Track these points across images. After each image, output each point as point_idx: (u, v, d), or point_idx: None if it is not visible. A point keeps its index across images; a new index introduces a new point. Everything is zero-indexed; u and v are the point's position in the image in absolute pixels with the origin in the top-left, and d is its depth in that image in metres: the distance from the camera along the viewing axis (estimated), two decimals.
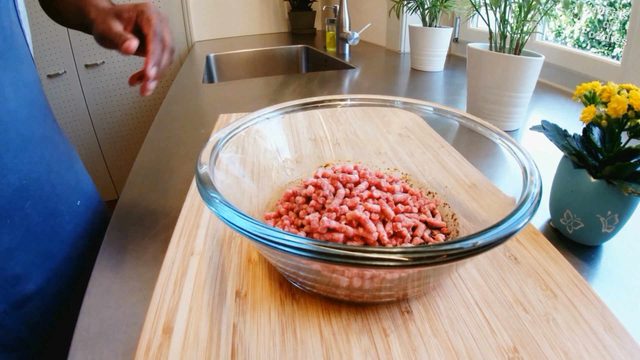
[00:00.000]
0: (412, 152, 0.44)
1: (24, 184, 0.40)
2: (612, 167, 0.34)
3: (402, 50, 1.42)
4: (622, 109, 0.34)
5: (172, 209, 0.44)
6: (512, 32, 0.65)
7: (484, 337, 0.27)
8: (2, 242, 0.38)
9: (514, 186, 0.30)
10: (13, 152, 0.38)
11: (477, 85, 0.69)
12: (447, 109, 0.40)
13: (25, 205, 0.40)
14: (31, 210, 0.41)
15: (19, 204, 0.39)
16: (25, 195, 0.40)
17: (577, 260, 0.37)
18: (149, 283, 0.34)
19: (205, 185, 0.27)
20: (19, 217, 0.39)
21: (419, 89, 0.98)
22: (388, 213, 0.34)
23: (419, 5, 1.09)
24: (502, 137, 0.35)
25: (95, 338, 0.29)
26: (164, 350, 0.26)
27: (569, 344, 0.26)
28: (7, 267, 0.39)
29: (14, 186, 0.39)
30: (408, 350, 0.26)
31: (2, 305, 0.39)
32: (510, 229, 0.23)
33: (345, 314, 0.28)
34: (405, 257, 0.21)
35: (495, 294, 0.30)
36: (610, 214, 0.35)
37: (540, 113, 0.80)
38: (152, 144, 0.63)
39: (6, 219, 0.38)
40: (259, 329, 0.27)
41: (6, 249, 0.38)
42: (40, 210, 0.42)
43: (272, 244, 0.22)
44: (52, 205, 0.44)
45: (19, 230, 0.39)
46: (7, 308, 0.39)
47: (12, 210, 0.38)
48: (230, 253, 0.34)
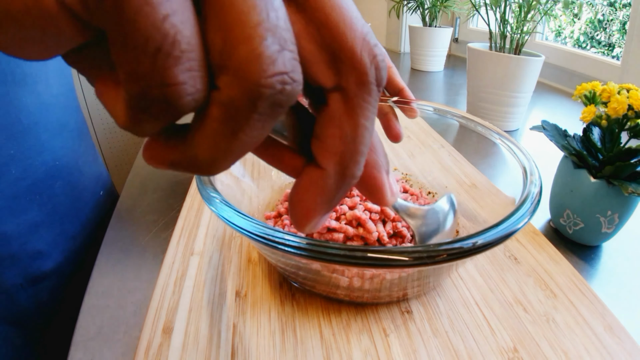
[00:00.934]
0: (412, 152, 0.44)
1: (56, 164, 0.42)
2: (612, 167, 0.34)
3: (402, 50, 1.42)
4: (622, 109, 0.34)
5: (172, 209, 0.44)
6: (512, 32, 0.65)
7: (484, 337, 0.27)
8: (29, 216, 0.40)
9: (514, 186, 0.30)
10: (50, 134, 0.41)
11: (477, 85, 0.69)
12: (447, 109, 0.40)
13: (55, 185, 0.42)
14: (60, 190, 0.43)
15: (50, 182, 0.42)
16: (56, 176, 0.42)
17: (577, 260, 0.37)
18: (149, 283, 0.34)
19: (205, 185, 0.27)
20: (48, 195, 0.41)
21: (419, 88, 0.98)
22: (388, 213, 0.34)
23: (419, 5, 1.09)
24: (502, 137, 0.35)
25: (95, 338, 0.29)
26: (164, 350, 0.26)
27: (569, 344, 0.26)
28: (31, 241, 0.40)
29: (48, 165, 0.41)
30: (408, 350, 0.26)
31: (19, 279, 0.40)
32: (510, 228, 0.23)
33: (345, 314, 0.28)
34: (405, 256, 0.21)
35: (495, 294, 0.30)
36: (610, 214, 0.35)
37: (540, 113, 0.80)
38: None
39: (36, 194, 0.40)
40: (259, 329, 0.27)
41: (32, 223, 0.40)
42: (67, 193, 0.44)
43: (272, 243, 0.22)
44: (78, 190, 0.46)
45: (45, 207, 0.41)
46: (23, 282, 0.41)
47: (43, 188, 0.41)
48: (230, 253, 0.34)
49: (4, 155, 0.37)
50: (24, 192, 0.39)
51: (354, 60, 0.12)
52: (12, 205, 0.38)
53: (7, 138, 0.37)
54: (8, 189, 0.38)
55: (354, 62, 0.12)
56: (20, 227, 0.39)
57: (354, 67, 0.13)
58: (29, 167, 0.39)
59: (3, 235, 0.38)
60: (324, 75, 0.13)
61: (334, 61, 0.13)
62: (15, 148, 0.38)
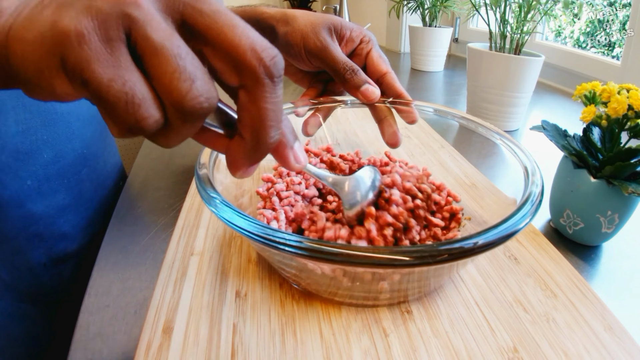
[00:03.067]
0: (412, 153, 0.44)
1: (84, 152, 0.46)
2: (612, 167, 0.34)
3: (402, 50, 1.42)
4: (622, 109, 0.34)
5: (172, 209, 0.44)
6: (512, 32, 0.65)
7: (484, 337, 0.27)
8: (57, 198, 0.43)
9: (515, 186, 0.30)
10: (81, 123, 0.44)
11: (477, 85, 0.69)
12: (447, 110, 0.40)
13: (82, 171, 0.46)
14: (86, 177, 0.46)
15: (77, 168, 0.45)
16: (83, 162, 0.46)
17: (577, 260, 0.37)
18: (149, 283, 0.34)
19: (205, 186, 0.27)
20: (75, 180, 0.45)
21: (419, 89, 0.98)
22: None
23: (419, 5, 1.09)
24: (503, 138, 0.35)
25: (95, 338, 0.29)
26: (164, 350, 0.26)
27: (569, 344, 0.26)
28: (57, 222, 0.43)
29: (77, 152, 0.45)
30: (408, 350, 0.26)
31: (44, 258, 0.43)
32: (512, 229, 0.23)
33: (345, 314, 0.28)
34: (406, 256, 0.21)
35: (495, 294, 0.30)
36: (610, 214, 0.35)
37: (540, 113, 0.80)
38: (152, 144, 0.63)
39: (64, 179, 0.43)
40: (259, 329, 0.27)
41: (59, 205, 0.43)
42: (93, 180, 0.48)
43: (271, 243, 0.22)
44: (102, 179, 0.50)
45: (72, 192, 0.44)
46: (47, 262, 0.43)
47: (71, 173, 0.44)
48: (230, 253, 0.34)
49: (38, 140, 0.40)
50: (54, 175, 0.42)
51: (245, 65, 0.18)
52: (43, 187, 0.41)
53: (42, 124, 0.40)
54: (41, 171, 0.40)
55: (245, 66, 0.18)
56: (49, 209, 0.42)
57: (247, 70, 0.18)
58: (60, 153, 0.42)
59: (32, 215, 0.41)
60: (232, 79, 0.19)
61: (235, 69, 0.18)
62: (48, 134, 0.41)
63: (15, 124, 0.38)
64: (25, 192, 0.40)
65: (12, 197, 0.39)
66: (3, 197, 0.38)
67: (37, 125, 0.39)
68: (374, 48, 0.39)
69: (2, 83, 0.18)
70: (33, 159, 0.40)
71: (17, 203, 0.39)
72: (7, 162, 0.38)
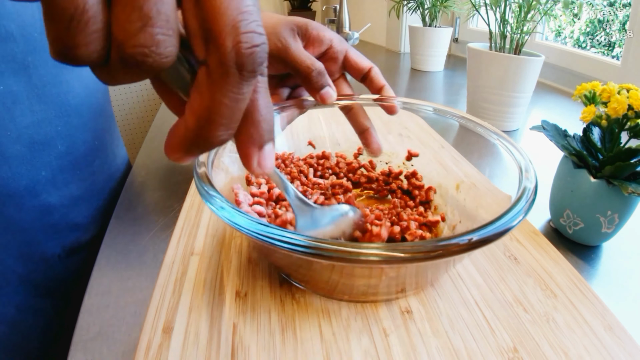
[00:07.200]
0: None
1: (95, 144, 0.46)
2: (612, 167, 0.34)
3: (402, 50, 1.42)
4: (622, 109, 0.34)
5: (172, 209, 0.44)
6: (512, 32, 0.65)
7: (484, 337, 0.27)
8: (70, 189, 0.43)
9: (512, 185, 0.30)
10: (93, 116, 0.45)
11: (477, 85, 0.69)
12: (447, 109, 0.40)
13: (94, 162, 0.46)
14: (97, 169, 0.47)
15: (90, 160, 0.45)
16: (95, 154, 0.46)
17: (577, 260, 0.37)
18: (149, 283, 0.34)
19: (204, 184, 0.27)
20: (88, 172, 0.45)
21: (419, 89, 0.98)
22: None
23: (419, 5, 1.09)
24: (500, 137, 0.35)
25: (95, 338, 0.29)
26: (164, 350, 0.26)
27: (569, 344, 0.26)
28: (71, 213, 0.44)
29: (89, 144, 0.45)
30: (408, 350, 0.26)
31: (58, 249, 0.43)
32: (506, 225, 0.23)
33: (345, 314, 0.28)
34: (402, 252, 0.21)
35: (495, 293, 0.30)
36: (610, 214, 0.35)
37: (540, 113, 0.80)
38: (153, 144, 0.63)
39: (77, 170, 0.44)
40: (259, 329, 0.27)
41: (73, 196, 0.44)
42: (104, 171, 0.49)
43: (272, 240, 0.22)
44: (112, 171, 0.51)
45: (85, 183, 0.45)
46: (61, 253, 0.44)
47: (83, 164, 0.44)
48: (230, 253, 0.34)
49: (52, 131, 0.40)
50: (68, 167, 0.42)
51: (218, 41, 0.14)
52: (57, 178, 0.41)
53: (57, 115, 0.40)
54: (55, 162, 0.41)
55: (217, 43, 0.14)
56: (63, 200, 0.42)
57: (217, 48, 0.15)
58: (73, 144, 0.43)
59: (47, 206, 0.41)
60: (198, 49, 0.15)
61: (205, 39, 0.15)
62: (62, 125, 0.41)
63: (30, 114, 0.38)
64: (40, 182, 0.40)
65: (27, 187, 0.39)
66: (19, 188, 0.38)
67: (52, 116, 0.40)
68: (349, 48, 0.39)
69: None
70: (47, 150, 0.40)
71: (33, 193, 0.39)
72: (22, 152, 0.38)
